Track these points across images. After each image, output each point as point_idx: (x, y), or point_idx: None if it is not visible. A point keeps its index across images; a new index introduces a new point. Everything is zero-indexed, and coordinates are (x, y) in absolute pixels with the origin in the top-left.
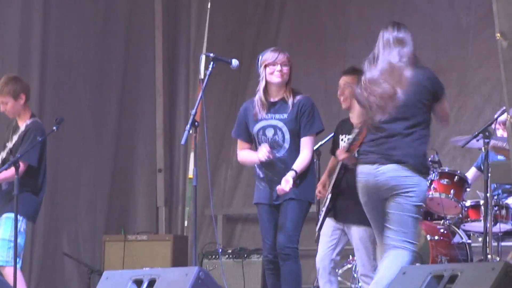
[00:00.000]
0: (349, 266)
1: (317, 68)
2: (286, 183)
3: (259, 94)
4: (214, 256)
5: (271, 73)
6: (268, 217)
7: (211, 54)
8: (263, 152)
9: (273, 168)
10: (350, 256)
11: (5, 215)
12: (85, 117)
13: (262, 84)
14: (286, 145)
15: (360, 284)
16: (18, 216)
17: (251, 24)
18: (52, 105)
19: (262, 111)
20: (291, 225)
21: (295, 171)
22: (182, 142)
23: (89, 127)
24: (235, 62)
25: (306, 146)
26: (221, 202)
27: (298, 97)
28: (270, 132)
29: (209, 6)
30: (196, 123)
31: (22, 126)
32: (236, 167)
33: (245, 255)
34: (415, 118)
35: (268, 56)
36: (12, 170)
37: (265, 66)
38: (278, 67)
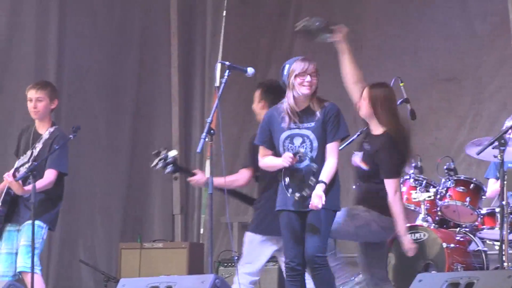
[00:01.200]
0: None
1: (332, 76)
2: (319, 199)
3: (288, 103)
4: (230, 264)
5: (301, 84)
6: (292, 224)
7: (227, 62)
8: (286, 157)
9: (301, 175)
10: None
11: (27, 222)
12: (100, 125)
13: (290, 94)
14: (314, 153)
15: None
16: (42, 223)
17: (266, 32)
18: (67, 114)
19: (290, 120)
20: (319, 235)
21: (325, 183)
22: (198, 150)
23: (105, 135)
24: (250, 70)
25: (332, 153)
26: (237, 210)
27: (324, 105)
28: (298, 141)
29: (224, 14)
30: (212, 131)
31: (45, 133)
32: None
33: None
34: None
35: (298, 66)
36: (48, 178)
37: (295, 76)
38: (308, 78)
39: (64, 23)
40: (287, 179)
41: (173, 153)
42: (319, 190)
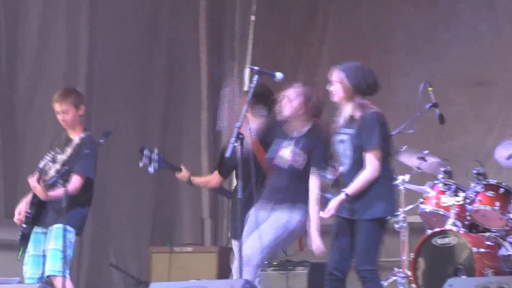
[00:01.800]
0: (394, 278)
1: None
2: (327, 211)
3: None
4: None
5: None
6: (337, 230)
7: (256, 67)
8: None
9: (340, 182)
10: (395, 268)
11: (55, 226)
12: (130, 131)
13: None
14: (348, 160)
15: None
16: (69, 228)
17: (294, 37)
18: (97, 120)
19: (341, 124)
20: (364, 248)
21: (346, 194)
22: (227, 155)
23: (134, 141)
24: (279, 75)
25: (366, 163)
26: None
27: (365, 112)
28: (341, 145)
29: (252, 19)
30: (240, 136)
31: (76, 138)
32: None
33: (290, 267)
34: None
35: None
36: (73, 184)
37: None
38: (330, 87)
39: (94, 30)
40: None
41: (156, 150)
42: (333, 201)
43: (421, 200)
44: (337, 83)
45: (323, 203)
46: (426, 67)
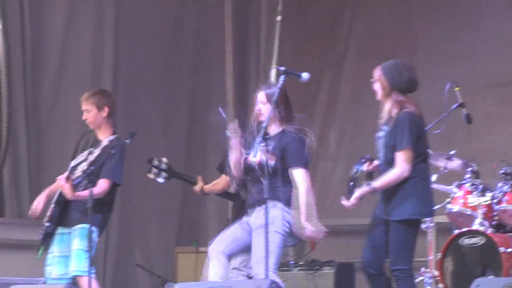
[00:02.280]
0: (421, 278)
1: None
2: (349, 201)
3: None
4: (285, 268)
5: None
6: (373, 228)
7: (282, 68)
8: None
9: (375, 176)
10: (423, 268)
11: (79, 226)
12: (155, 131)
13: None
14: (382, 157)
15: None
16: (93, 228)
17: (320, 36)
18: (123, 119)
19: (382, 123)
20: (396, 248)
21: (371, 187)
22: (254, 155)
23: (160, 140)
24: (305, 75)
25: (396, 162)
26: None
27: (399, 112)
28: (380, 143)
29: (279, 19)
30: (267, 136)
31: (105, 141)
32: None
33: (317, 267)
34: None
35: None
36: (101, 188)
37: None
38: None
39: (119, 30)
40: None
41: (165, 160)
42: (357, 191)
43: (448, 200)
44: (376, 81)
45: (351, 193)
46: (452, 67)
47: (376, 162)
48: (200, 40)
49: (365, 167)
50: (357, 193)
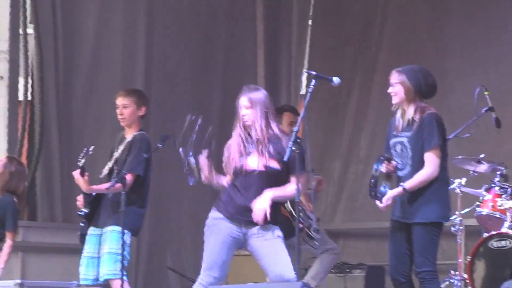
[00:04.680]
0: (451, 281)
1: None
2: (384, 201)
3: (398, 111)
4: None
5: (391, 93)
6: (394, 234)
7: (313, 72)
8: None
9: (397, 184)
10: (452, 271)
11: (110, 228)
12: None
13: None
14: (410, 162)
15: None
16: (124, 230)
17: (351, 41)
18: (155, 121)
19: (398, 127)
20: (422, 250)
21: (403, 188)
22: (285, 158)
23: None
24: (336, 79)
25: (426, 162)
26: (323, 217)
27: (423, 114)
28: (398, 148)
29: (310, 24)
30: (298, 140)
31: (129, 137)
32: (338, 183)
33: (348, 270)
34: None
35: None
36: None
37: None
38: (389, 89)
39: (151, 34)
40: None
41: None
42: (389, 192)
43: (478, 203)
44: (398, 85)
45: (371, 194)
46: (482, 71)
47: (394, 163)
48: (231, 44)
49: (383, 168)
50: (390, 194)
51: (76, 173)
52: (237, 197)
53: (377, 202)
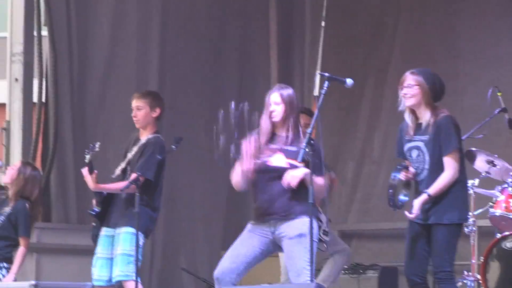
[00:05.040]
0: (464, 281)
1: None
2: (413, 211)
3: (406, 115)
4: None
5: (403, 96)
6: (412, 235)
7: (326, 74)
8: None
9: (417, 190)
10: (465, 272)
11: (124, 229)
12: (200, 134)
13: (403, 105)
14: (427, 166)
15: None
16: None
17: (363, 42)
18: (169, 123)
19: (411, 132)
20: (442, 251)
21: (428, 194)
22: (299, 159)
23: (205, 144)
24: (349, 81)
25: (446, 166)
26: (336, 218)
27: (438, 117)
28: (414, 153)
29: (323, 25)
30: (312, 141)
31: (144, 139)
32: (351, 184)
33: (361, 271)
34: None
35: (401, 78)
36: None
37: (400, 88)
38: (404, 91)
39: (165, 36)
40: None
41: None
42: (416, 201)
43: (491, 204)
44: (415, 86)
45: (390, 204)
46: (494, 72)
47: (412, 170)
48: (244, 45)
49: (402, 176)
50: (417, 203)
51: (85, 171)
52: (260, 198)
53: (406, 212)
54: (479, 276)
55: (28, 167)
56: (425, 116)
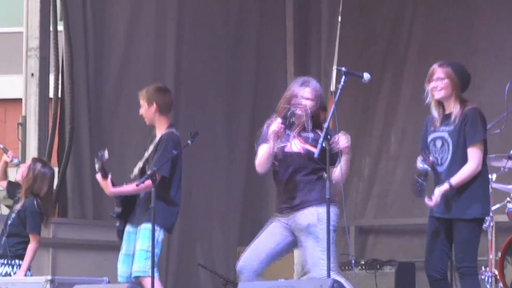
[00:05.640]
0: (481, 277)
1: None
2: (433, 199)
3: (432, 108)
4: (347, 267)
5: (433, 89)
6: (431, 231)
7: (343, 69)
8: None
9: (438, 181)
10: (482, 268)
11: (143, 226)
12: (217, 130)
13: (429, 98)
14: (450, 156)
15: None
16: (156, 227)
17: (380, 38)
18: (185, 118)
19: (436, 123)
20: (464, 246)
21: (450, 184)
22: (315, 155)
23: (222, 139)
24: (366, 76)
25: (470, 157)
26: (353, 214)
27: (465, 109)
28: (438, 143)
29: (339, 20)
30: (329, 136)
31: (158, 135)
32: (368, 179)
33: (378, 267)
34: None
35: (429, 72)
36: (147, 181)
37: (428, 81)
38: (433, 84)
39: (182, 32)
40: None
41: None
42: (437, 190)
43: (508, 199)
44: (446, 79)
45: (418, 190)
46: (511, 68)
47: (431, 159)
48: (261, 41)
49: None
50: (438, 191)
51: (98, 177)
52: (278, 189)
53: (427, 199)
54: (496, 272)
55: (39, 164)
56: (454, 108)
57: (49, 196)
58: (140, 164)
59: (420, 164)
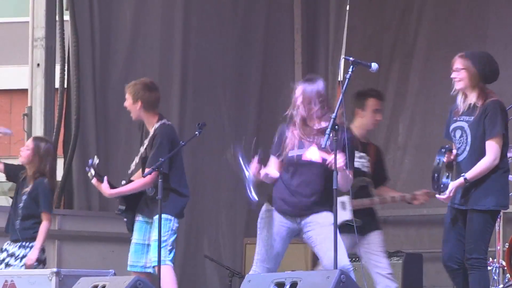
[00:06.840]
0: (489, 268)
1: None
2: (447, 193)
3: (458, 96)
4: (354, 259)
5: (454, 79)
6: (451, 221)
7: (351, 58)
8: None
9: (458, 170)
10: (490, 259)
11: (155, 217)
12: (224, 121)
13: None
14: (468, 147)
15: None
16: (169, 216)
17: (389, 27)
18: (192, 109)
19: (458, 112)
20: (475, 237)
21: (465, 178)
22: (323, 145)
23: (229, 131)
24: (374, 65)
25: (487, 150)
26: None
27: (486, 101)
28: (458, 134)
29: (348, 9)
30: (336, 127)
31: (151, 130)
32: None
33: None
34: None
35: (452, 61)
36: (144, 179)
37: (452, 71)
38: (453, 74)
39: (188, 23)
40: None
41: None
42: (452, 183)
43: None
44: (463, 71)
45: (435, 188)
46: None
47: (454, 152)
48: (269, 30)
49: (445, 158)
50: (452, 185)
51: (94, 181)
52: (289, 191)
53: (438, 195)
54: (504, 263)
55: (41, 143)
56: (471, 97)
57: (53, 171)
58: (136, 160)
59: (436, 159)
